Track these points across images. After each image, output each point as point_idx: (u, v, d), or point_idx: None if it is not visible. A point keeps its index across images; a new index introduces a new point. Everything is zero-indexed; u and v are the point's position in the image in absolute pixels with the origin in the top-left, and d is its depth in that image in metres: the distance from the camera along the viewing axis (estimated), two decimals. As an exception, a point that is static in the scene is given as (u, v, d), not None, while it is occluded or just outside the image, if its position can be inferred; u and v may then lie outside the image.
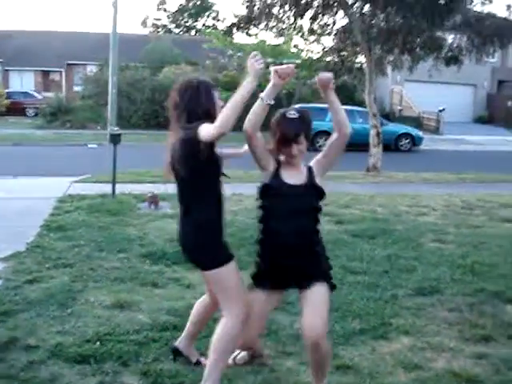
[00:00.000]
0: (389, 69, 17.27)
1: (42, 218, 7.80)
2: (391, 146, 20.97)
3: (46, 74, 40.97)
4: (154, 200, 8.70)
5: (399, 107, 33.24)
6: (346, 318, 4.58)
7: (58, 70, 40.64)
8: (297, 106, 22.30)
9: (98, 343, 3.94)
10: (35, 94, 35.51)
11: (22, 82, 39.73)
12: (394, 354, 4.01)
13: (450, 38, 15.34)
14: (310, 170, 3.29)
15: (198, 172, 3.18)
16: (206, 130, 3.03)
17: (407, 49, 14.34)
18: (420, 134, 23.00)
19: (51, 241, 6.66)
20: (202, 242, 3.25)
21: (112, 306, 4.66)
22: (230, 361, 3.67)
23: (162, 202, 8.79)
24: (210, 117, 3.17)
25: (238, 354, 3.74)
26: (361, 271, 5.81)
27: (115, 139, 8.86)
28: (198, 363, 3.67)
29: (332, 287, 3.32)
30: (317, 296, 3.19)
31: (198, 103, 3.25)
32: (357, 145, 19.39)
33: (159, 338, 4.07)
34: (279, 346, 4.05)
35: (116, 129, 9.09)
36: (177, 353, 3.75)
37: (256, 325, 3.41)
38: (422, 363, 3.88)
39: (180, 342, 3.75)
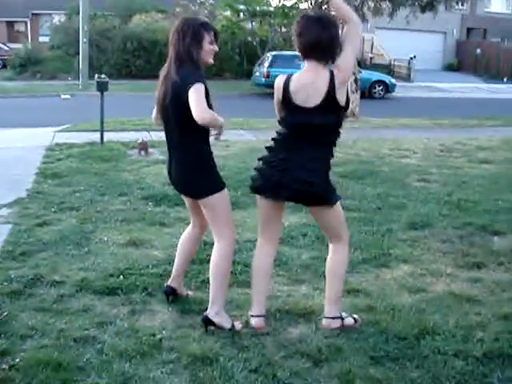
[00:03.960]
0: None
1: (34, 166, 7.90)
2: (365, 92, 21.13)
3: (10, 24, 39.77)
4: (143, 147, 8.81)
5: (370, 55, 33.27)
6: (347, 249, 4.87)
7: (22, 20, 39.45)
8: (270, 53, 22.36)
9: (122, 277, 4.15)
10: (1, 46, 34.56)
11: (-14, 33, 38.55)
12: (397, 279, 4.33)
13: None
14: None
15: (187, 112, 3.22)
16: (197, 108, 3.10)
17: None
18: (393, 81, 23.17)
19: (50, 187, 6.80)
20: (197, 171, 3.37)
21: (126, 244, 4.86)
22: None
23: (151, 149, 8.91)
24: (193, 61, 3.23)
25: None
26: (354, 208, 6.09)
27: (103, 86, 8.88)
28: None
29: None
30: None
31: (182, 44, 3.25)
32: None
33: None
34: (292, 275, 4.33)
35: (103, 76, 9.07)
36: (171, 293, 3.80)
37: None
38: (424, 287, 4.19)
39: (172, 281, 3.81)
